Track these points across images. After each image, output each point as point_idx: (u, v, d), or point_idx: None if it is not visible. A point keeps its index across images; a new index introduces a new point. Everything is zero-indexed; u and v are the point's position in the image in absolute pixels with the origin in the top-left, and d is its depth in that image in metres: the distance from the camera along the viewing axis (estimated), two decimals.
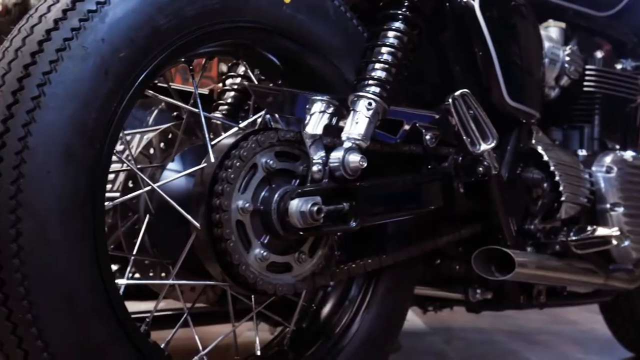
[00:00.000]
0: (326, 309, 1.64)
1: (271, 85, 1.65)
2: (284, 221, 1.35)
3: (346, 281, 1.63)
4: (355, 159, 1.38)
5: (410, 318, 1.76)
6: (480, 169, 1.58)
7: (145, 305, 1.91)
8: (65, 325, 1.15)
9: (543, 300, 1.91)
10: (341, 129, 1.44)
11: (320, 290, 1.65)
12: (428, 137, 1.56)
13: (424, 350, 2.71)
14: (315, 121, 1.41)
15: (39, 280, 1.12)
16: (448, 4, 1.68)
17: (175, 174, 1.47)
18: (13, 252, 1.10)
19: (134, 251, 1.46)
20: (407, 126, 1.54)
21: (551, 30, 2.00)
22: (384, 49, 1.49)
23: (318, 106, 1.42)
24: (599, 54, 2.12)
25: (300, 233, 1.36)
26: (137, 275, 1.57)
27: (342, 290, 1.64)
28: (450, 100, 1.55)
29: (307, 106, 1.43)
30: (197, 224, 1.33)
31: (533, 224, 1.83)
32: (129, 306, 1.28)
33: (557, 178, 1.85)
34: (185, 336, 1.52)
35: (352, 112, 1.43)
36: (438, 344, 2.86)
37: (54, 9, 1.19)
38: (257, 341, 1.55)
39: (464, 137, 1.56)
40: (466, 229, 1.73)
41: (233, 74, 1.82)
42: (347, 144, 1.40)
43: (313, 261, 1.44)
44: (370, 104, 1.43)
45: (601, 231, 1.86)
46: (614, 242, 1.86)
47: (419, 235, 1.66)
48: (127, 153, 1.53)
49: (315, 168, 1.38)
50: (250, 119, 1.53)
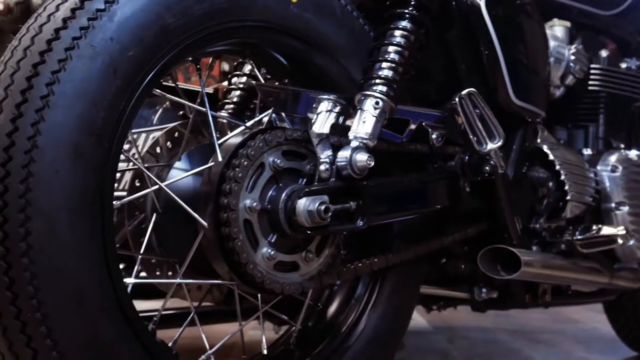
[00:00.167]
0: (332, 308, 1.64)
1: (276, 83, 1.65)
2: (291, 220, 1.35)
3: (352, 280, 1.63)
4: (362, 158, 1.38)
5: (413, 317, 1.76)
6: (487, 167, 1.58)
7: (148, 304, 1.90)
8: (74, 324, 1.15)
9: (548, 299, 1.91)
10: (348, 128, 1.44)
11: (326, 289, 1.65)
12: (434, 136, 1.57)
13: (427, 349, 2.71)
14: (322, 120, 1.41)
15: (48, 279, 1.12)
16: (454, 3, 1.68)
17: (182, 173, 1.47)
18: (22, 251, 1.10)
19: (141, 250, 1.46)
20: (414, 125, 1.54)
21: (556, 29, 2.00)
22: (391, 48, 1.49)
23: (325, 105, 1.43)
24: (604, 53, 2.12)
25: (308, 232, 1.37)
26: (143, 274, 1.57)
27: (348, 289, 1.64)
28: (457, 99, 1.56)
29: (314, 105, 1.43)
30: (205, 223, 1.33)
31: (538, 223, 1.83)
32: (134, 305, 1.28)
33: (563, 177, 1.85)
34: (190, 335, 1.52)
35: (359, 111, 1.43)
36: (441, 343, 2.86)
37: (63, 7, 1.19)
38: (264, 340, 1.55)
39: (471, 136, 1.56)
40: (472, 228, 1.73)
41: (239, 73, 1.82)
42: (355, 143, 1.40)
43: (320, 260, 1.44)
44: (377, 103, 1.43)
45: (606, 230, 1.86)
46: (620, 241, 1.86)
47: (425, 234, 1.66)
48: (135, 152, 1.53)
49: (322, 167, 1.38)
50: (256, 118, 1.53)
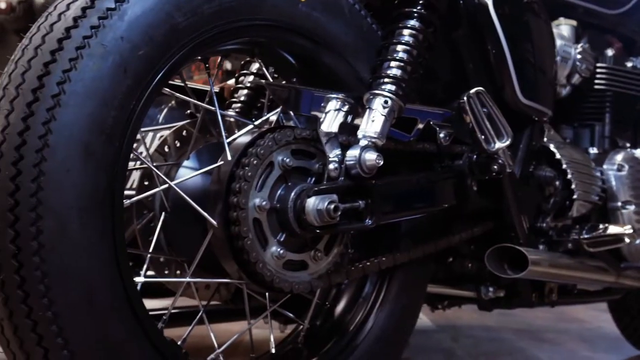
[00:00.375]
0: (340, 307, 1.64)
1: (283, 82, 1.65)
2: (300, 219, 1.35)
3: (360, 279, 1.63)
4: (371, 157, 1.38)
5: None
6: (495, 166, 1.59)
7: (153, 303, 1.91)
8: (85, 323, 1.15)
9: (554, 298, 1.91)
10: (356, 127, 1.44)
11: (333, 287, 1.65)
12: (442, 135, 1.57)
13: (432, 348, 2.71)
14: (331, 119, 1.41)
15: (59, 278, 1.12)
16: (462, 2, 1.68)
17: (190, 172, 1.47)
18: (33, 250, 1.11)
19: (150, 249, 1.46)
20: (421, 124, 1.54)
21: (562, 28, 2.01)
22: (399, 47, 1.49)
23: (333, 104, 1.43)
24: (610, 52, 2.12)
25: (317, 231, 1.37)
26: (150, 273, 1.57)
27: (356, 288, 1.64)
28: (465, 98, 1.56)
29: (322, 104, 1.43)
30: (214, 222, 1.33)
31: (545, 221, 1.83)
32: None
33: (569, 176, 1.85)
34: (197, 334, 1.52)
35: (368, 110, 1.43)
36: (445, 342, 2.86)
37: (73, 6, 1.19)
38: (272, 339, 1.55)
39: (479, 135, 1.57)
40: (479, 227, 1.73)
41: (246, 71, 1.82)
42: (364, 142, 1.40)
43: (328, 259, 1.44)
44: (386, 102, 1.43)
45: (613, 229, 1.86)
46: (627, 240, 1.86)
47: (433, 233, 1.66)
48: (144, 151, 1.53)
49: (331, 166, 1.38)
50: (265, 117, 1.53)
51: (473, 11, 1.68)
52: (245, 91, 1.81)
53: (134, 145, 1.53)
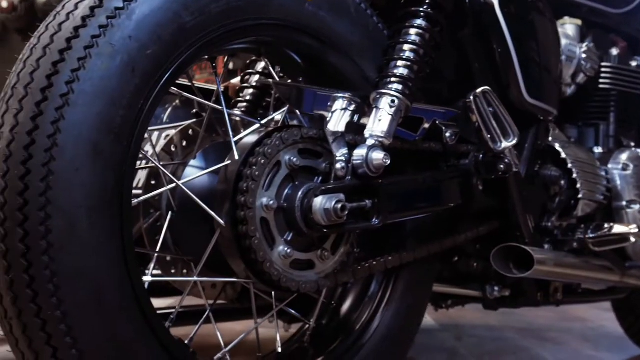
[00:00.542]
0: (346, 306, 1.64)
1: (289, 81, 1.65)
2: (307, 218, 1.35)
3: (366, 278, 1.63)
4: (379, 156, 1.38)
5: None
6: (501, 166, 1.59)
7: (159, 302, 1.90)
8: (94, 322, 1.15)
9: (559, 297, 1.91)
10: (363, 126, 1.44)
11: (340, 287, 1.65)
12: (448, 135, 1.57)
13: (435, 348, 2.71)
14: (337, 118, 1.41)
15: (68, 277, 1.12)
16: (468, 2, 1.68)
17: (197, 171, 1.47)
18: (42, 249, 1.11)
19: (157, 248, 1.46)
20: (427, 123, 1.54)
21: (567, 28, 2.01)
22: (406, 47, 1.49)
23: (340, 103, 1.42)
24: (614, 51, 2.12)
25: (324, 230, 1.37)
26: (156, 272, 1.57)
27: (362, 287, 1.64)
28: (471, 97, 1.56)
29: (329, 103, 1.43)
30: (222, 221, 1.33)
31: (550, 221, 1.83)
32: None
33: (574, 175, 1.85)
34: (204, 333, 1.52)
35: (375, 110, 1.43)
36: (449, 341, 2.86)
37: (82, 6, 1.19)
38: (278, 338, 1.55)
39: (485, 135, 1.57)
40: (484, 226, 1.73)
41: (252, 71, 1.82)
42: (371, 142, 1.40)
43: (335, 258, 1.44)
44: (393, 101, 1.43)
45: (618, 229, 1.87)
46: (632, 240, 1.86)
47: (438, 233, 1.67)
48: (151, 150, 1.53)
49: (338, 165, 1.38)
50: (271, 116, 1.53)
51: (479, 10, 1.69)
52: (251, 90, 1.81)
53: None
